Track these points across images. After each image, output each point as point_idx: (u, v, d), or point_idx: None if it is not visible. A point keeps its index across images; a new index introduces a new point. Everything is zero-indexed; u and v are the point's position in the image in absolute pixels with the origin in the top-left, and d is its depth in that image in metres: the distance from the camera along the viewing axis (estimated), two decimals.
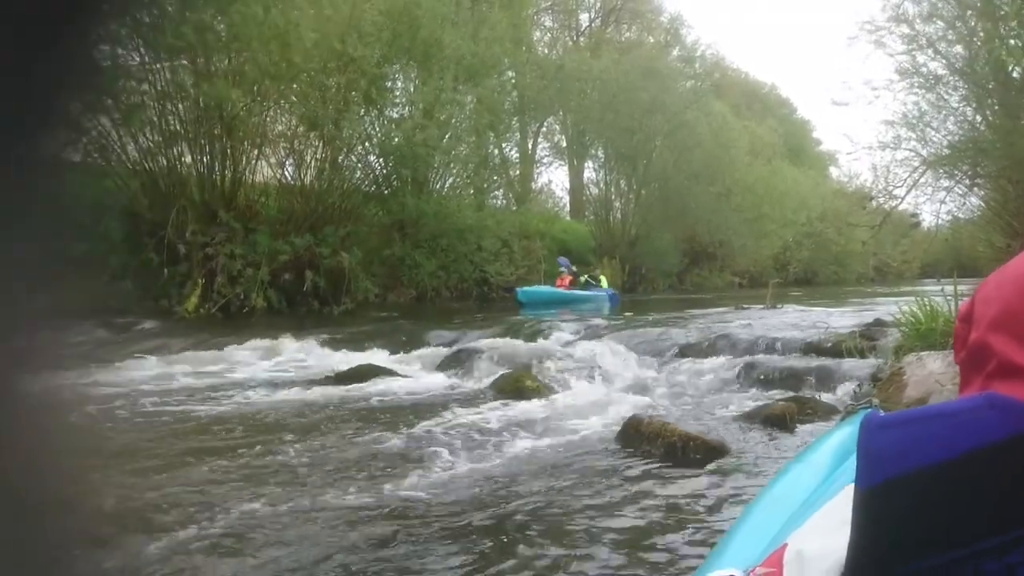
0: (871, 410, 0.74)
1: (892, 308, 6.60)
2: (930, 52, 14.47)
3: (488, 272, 17.92)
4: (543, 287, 16.55)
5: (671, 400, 5.59)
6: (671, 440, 3.94)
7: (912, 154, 15.28)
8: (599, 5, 32.94)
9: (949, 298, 5.14)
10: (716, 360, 6.50)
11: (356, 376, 6.65)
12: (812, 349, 6.48)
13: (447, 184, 18.47)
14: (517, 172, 24.47)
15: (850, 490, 0.77)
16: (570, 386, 5.98)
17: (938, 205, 16.09)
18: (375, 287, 15.09)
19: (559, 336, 8.13)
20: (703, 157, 24.79)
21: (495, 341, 7.97)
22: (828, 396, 5.20)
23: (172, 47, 11.43)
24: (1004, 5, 12.89)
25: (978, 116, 14.87)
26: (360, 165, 16.62)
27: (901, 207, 16.54)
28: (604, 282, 18.02)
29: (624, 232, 24.77)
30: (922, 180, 15.20)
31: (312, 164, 15.17)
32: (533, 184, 26.37)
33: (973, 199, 16.35)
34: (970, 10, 13.59)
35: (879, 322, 7.09)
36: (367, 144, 16.32)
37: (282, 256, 13.17)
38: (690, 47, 31.14)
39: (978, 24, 13.44)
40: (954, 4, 13.88)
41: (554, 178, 50.10)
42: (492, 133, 19.18)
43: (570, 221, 26.62)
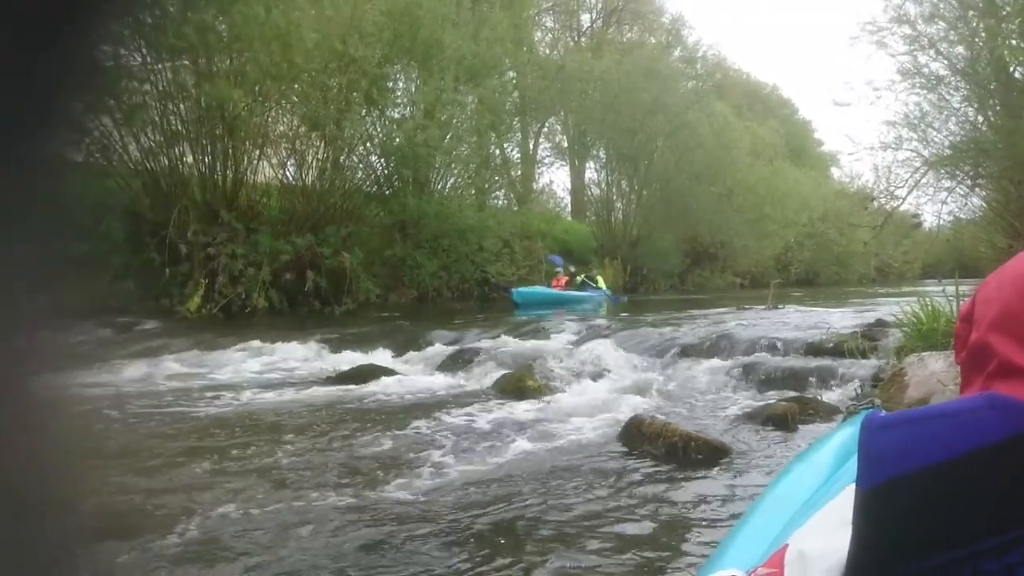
0: (872, 410, 0.74)
1: (893, 308, 6.59)
2: (932, 52, 14.46)
3: (489, 272, 17.89)
4: (539, 288, 16.30)
5: (673, 400, 5.58)
6: (673, 440, 3.94)
7: (914, 155, 15.28)
8: (600, 6, 32.97)
9: (951, 298, 5.14)
10: (718, 360, 6.49)
11: (357, 376, 6.65)
12: (813, 349, 6.47)
13: (448, 184, 18.48)
14: (518, 172, 24.47)
15: (851, 490, 0.77)
16: (571, 386, 5.98)
17: (940, 206, 16.09)
18: (376, 287, 15.09)
19: (561, 336, 8.13)
20: (705, 158, 24.78)
21: (496, 341, 7.97)
22: (830, 396, 5.19)
23: (174, 47, 11.47)
24: (1006, 5, 12.89)
25: (980, 116, 14.86)
26: (361, 165, 16.64)
27: (903, 208, 16.53)
28: (601, 282, 17.92)
29: (626, 233, 24.77)
30: (924, 181, 15.19)
31: (314, 164, 15.19)
32: (534, 184, 26.38)
33: (975, 200, 16.33)
34: (972, 10, 13.58)
35: (881, 322, 7.09)
36: (368, 144, 16.34)
37: (283, 256, 13.17)
38: (691, 48, 31.21)
39: (980, 24, 13.43)
40: (956, 4, 13.87)
41: (555, 178, 50.10)
42: (493, 133, 19.17)
43: (571, 221, 26.63)
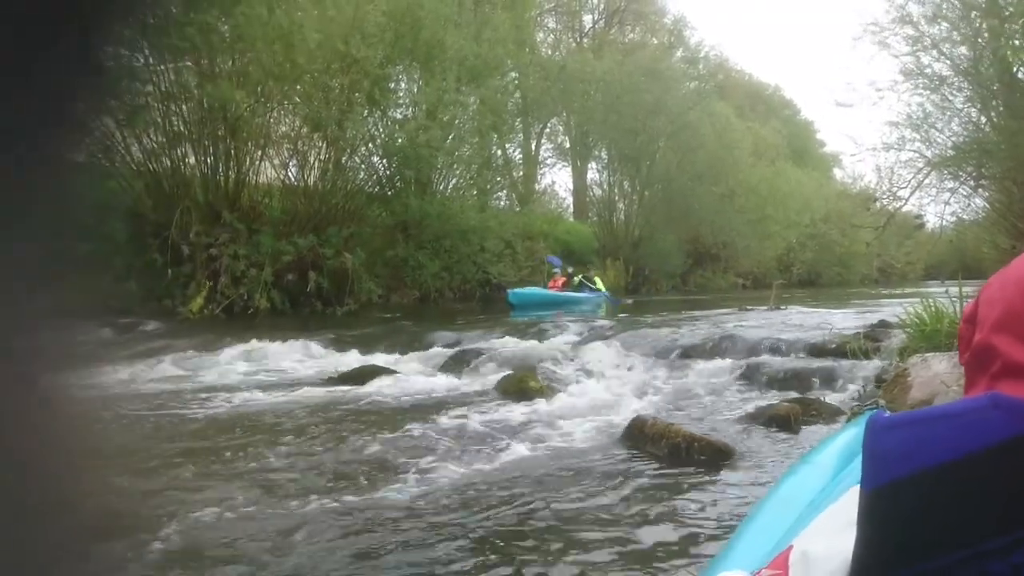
0: (877, 411, 0.74)
1: (896, 309, 6.58)
2: (934, 53, 14.45)
3: (491, 273, 17.89)
4: (535, 289, 16.13)
5: (675, 401, 5.57)
6: (675, 441, 3.93)
7: (916, 155, 15.25)
8: (602, 6, 32.98)
9: (954, 299, 5.13)
10: (720, 361, 6.48)
11: (359, 377, 6.65)
12: (816, 350, 6.46)
13: (450, 185, 18.49)
14: (520, 173, 24.48)
15: (856, 491, 0.77)
16: (574, 387, 5.97)
17: (942, 206, 16.06)
18: (378, 288, 15.10)
19: (563, 337, 8.13)
20: (707, 158, 24.80)
21: (498, 342, 7.97)
22: (833, 397, 5.18)
23: (176, 48, 11.48)
24: (1009, 5, 12.87)
25: (983, 117, 14.84)
26: (363, 166, 16.66)
27: (905, 208, 16.51)
28: (600, 283, 17.81)
29: (627, 233, 24.79)
30: (926, 181, 15.16)
31: (316, 165, 15.21)
32: (536, 185, 26.38)
33: (978, 200, 16.31)
34: (975, 11, 13.56)
35: (883, 323, 7.08)
36: (370, 145, 16.35)
37: (285, 257, 13.19)
38: (694, 48, 31.24)
39: (983, 25, 13.41)
40: (958, 5, 13.85)
41: (557, 179, 50.02)
42: (495, 134, 19.19)
43: (573, 222, 26.64)
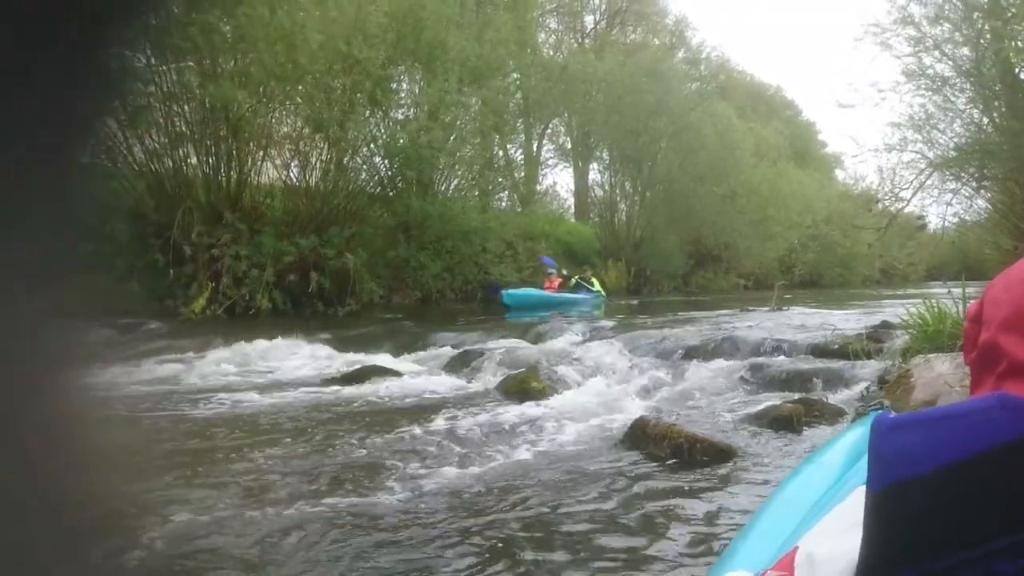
0: (882, 412, 0.74)
1: (898, 310, 6.58)
2: (936, 54, 14.44)
3: (492, 274, 17.88)
4: (531, 289, 15.98)
5: (677, 402, 5.57)
6: (678, 442, 3.92)
7: (918, 156, 15.25)
8: (604, 7, 32.98)
9: (957, 300, 5.13)
10: (722, 362, 6.47)
11: (361, 377, 6.64)
12: (819, 351, 6.45)
13: (452, 186, 18.48)
14: (522, 174, 24.47)
15: (862, 492, 0.77)
16: (576, 387, 5.96)
17: (944, 207, 16.06)
18: (380, 289, 15.10)
19: (565, 337, 8.13)
20: (708, 159, 24.79)
21: (500, 342, 7.97)
22: (835, 398, 5.17)
23: (179, 48, 11.48)
24: (1011, 6, 12.86)
25: (985, 118, 14.83)
26: (365, 167, 16.64)
27: (907, 209, 16.51)
28: (597, 284, 17.71)
29: (629, 234, 24.78)
30: (928, 182, 15.16)
31: (317, 165, 15.21)
32: (538, 186, 26.36)
33: (980, 201, 16.30)
34: (977, 11, 13.55)
35: (886, 324, 7.06)
36: (372, 146, 16.35)
37: (287, 257, 13.19)
38: (695, 49, 31.24)
39: (985, 25, 13.40)
40: (960, 6, 13.84)
41: (559, 180, 50.02)
42: (497, 135, 19.17)
43: (575, 223, 26.63)
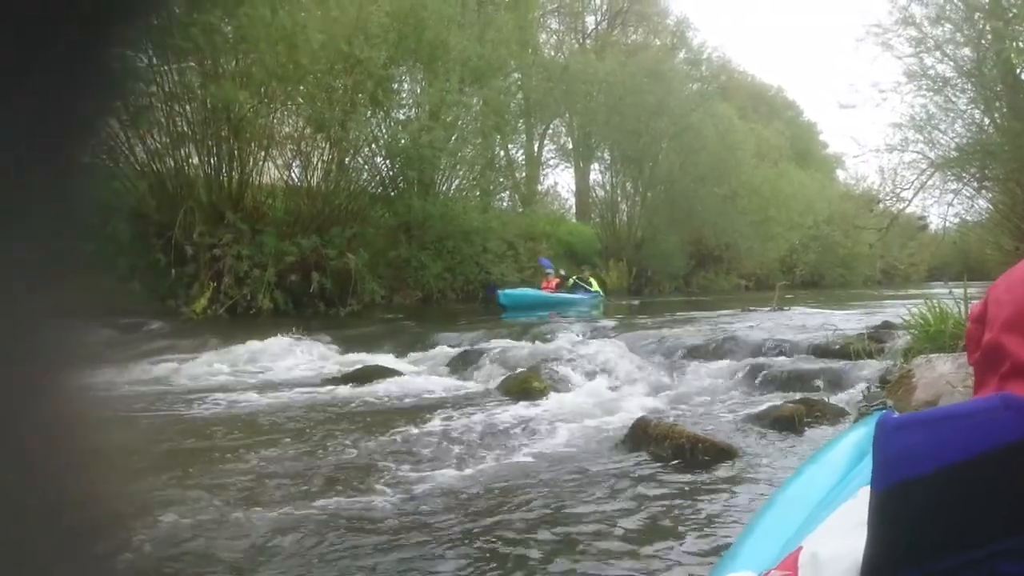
0: (886, 412, 0.74)
1: (900, 311, 6.57)
2: (938, 54, 14.45)
3: (493, 274, 17.87)
4: (527, 290, 15.93)
5: (679, 402, 5.57)
6: (679, 442, 3.92)
7: (920, 156, 15.26)
8: (605, 7, 32.98)
9: (959, 301, 5.13)
10: (724, 362, 6.47)
11: (362, 377, 6.65)
12: (820, 351, 6.44)
13: (453, 186, 18.49)
14: (523, 174, 24.47)
15: (866, 492, 0.77)
16: (577, 387, 5.96)
17: (946, 208, 16.07)
18: (381, 289, 15.10)
19: (566, 337, 8.12)
20: (709, 160, 24.77)
21: (501, 342, 7.97)
22: (837, 398, 5.16)
23: (180, 49, 11.49)
24: (1013, 7, 12.86)
25: (986, 118, 14.84)
26: (367, 167, 16.64)
27: (908, 210, 16.51)
28: (595, 284, 17.64)
29: (630, 234, 24.77)
30: (930, 183, 15.17)
31: (319, 165, 15.21)
32: (539, 186, 26.37)
33: (981, 202, 16.32)
34: (978, 12, 13.55)
35: (887, 324, 7.06)
36: (374, 146, 16.35)
37: (289, 257, 13.20)
38: (696, 50, 31.23)
39: (986, 26, 13.40)
40: (962, 6, 13.84)
41: (560, 180, 50.01)
42: (498, 135, 19.16)
43: (576, 223, 26.63)
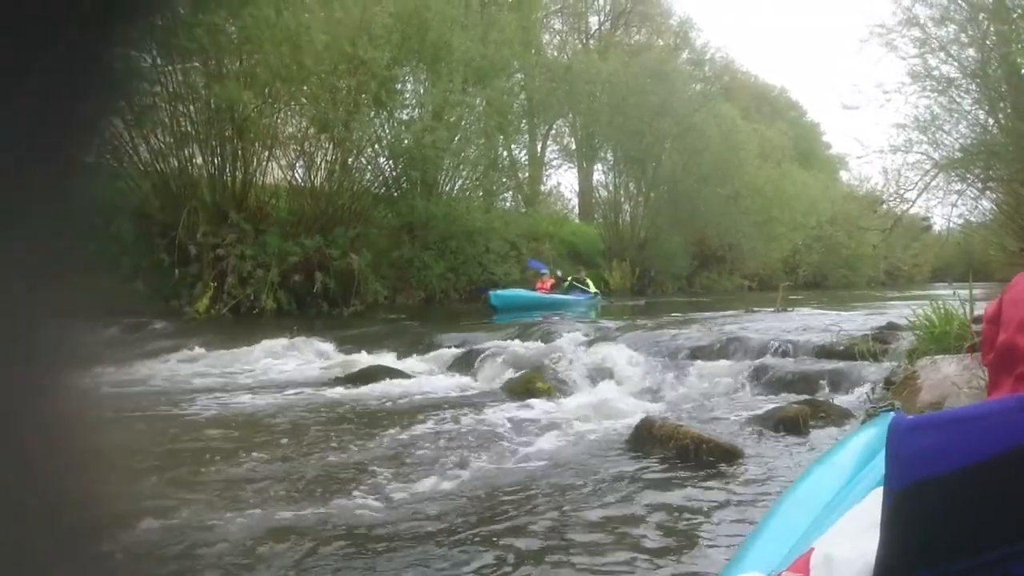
0: (898, 413, 0.74)
1: (904, 311, 6.56)
2: (942, 55, 14.43)
3: (496, 274, 17.86)
4: (519, 291, 15.66)
5: (683, 402, 5.56)
6: (684, 442, 3.92)
7: (924, 157, 15.23)
8: (608, 8, 32.95)
9: (964, 302, 5.11)
10: (728, 362, 6.45)
11: (366, 377, 6.65)
12: (824, 352, 6.42)
13: (456, 186, 18.48)
14: (526, 175, 24.46)
15: (877, 493, 0.77)
16: (581, 388, 5.96)
17: (950, 208, 16.05)
18: (384, 289, 15.11)
19: (570, 338, 8.11)
20: (712, 160, 24.74)
21: (505, 343, 7.96)
22: (841, 399, 5.16)
23: (184, 49, 11.51)
24: (1017, 7, 12.83)
25: (990, 119, 14.81)
26: (370, 167, 16.65)
27: (912, 211, 16.50)
28: (592, 285, 17.47)
29: (633, 235, 24.74)
30: (933, 183, 15.15)
31: (322, 166, 15.22)
32: (542, 186, 26.39)
33: (985, 203, 16.29)
34: (982, 12, 13.52)
35: (892, 325, 7.04)
36: (377, 146, 16.35)
37: (292, 257, 13.21)
38: (699, 50, 31.16)
39: (990, 27, 13.38)
40: (966, 7, 13.82)
41: (563, 180, 50.08)
42: (501, 135, 19.15)
43: (579, 223, 26.61)
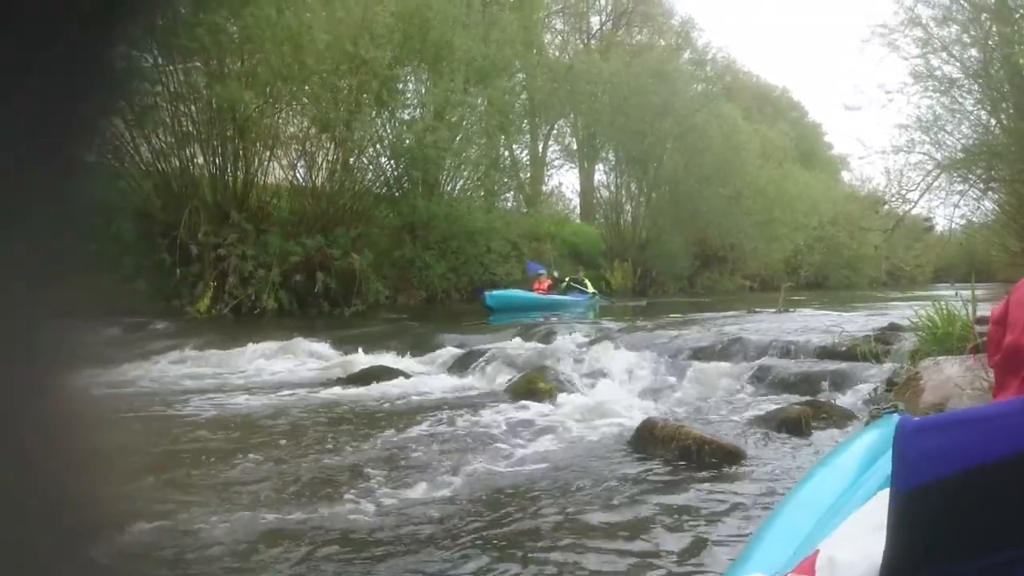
0: (903, 415, 0.73)
1: (906, 312, 6.55)
2: (944, 55, 14.42)
3: (497, 274, 17.85)
4: (515, 291, 15.62)
5: (685, 403, 5.55)
6: (686, 443, 3.91)
7: (926, 158, 15.24)
8: (610, 8, 32.96)
9: (966, 302, 5.11)
10: (729, 363, 6.45)
11: (367, 378, 6.65)
12: (826, 353, 6.41)
13: (458, 186, 18.48)
14: (527, 175, 24.46)
15: (882, 495, 0.76)
16: (583, 389, 5.96)
17: (952, 209, 16.06)
18: (385, 289, 15.11)
19: (572, 338, 8.11)
20: (714, 160, 24.74)
21: (507, 343, 7.96)
22: (843, 400, 5.15)
23: (186, 49, 11.51)
24: (1020, 8, 12.82)
25: (993, 120, 14.80)
26: (371, 167, 16.65)
27: (914, 211, 16.50)
28: (590, 286, 17.45)
29: (635, 235, 24.73)
30: (936, 184, 15.14)
31: (324, 166, 15.23)
32: (543, 187, 26.40)
33: (987, 203, 16.29)
34: (985, 13, 13.51)
35: (894, 326, 7.03)
36: (378, 146, 16.35)
37: (293, 257, 13.21)
38: (701, 50, 31.16)
39: (993, 27, 13.36)
40: (968, 7, 13.81)
41: (564, 181, 50.02)
42: (503, 135, 19.14)
43: (580, 224, 26.62)
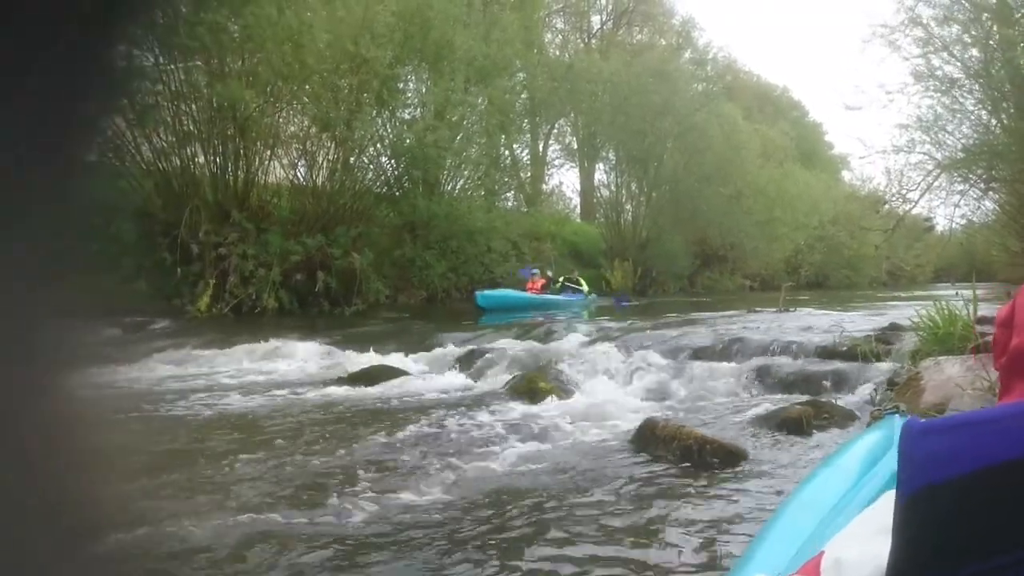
0: (908, 416, 0.74)
1: (906, 312, 6.55)
2: (945, 55, 14.41)
3: (497, 274, 17.86)
4: (507, 291, 15.58)
5: (686, 403, 5.56)
6: (687, 443, 3.91)
7: (926, 158, 15.24)
8: (611, 7, 32.97)
9: (968, 302, 5.10)
10: (730, 363, 6.44)
11: (368, 377, 6.65)
12: (827, 353, 6.40)
13: (458, 186, 18.49)
14: (528, 174, 24.47)
15: (888, 496, 0.76)
16: (584, 388, 5.96)
17: (952, 209, 16.06)
18: (386, 288, 15.11)
19: (573, 338, 8.11)
20: (714, 160, 24.73)
21: (508, 342, 7.97)
22: (844, 400, 5.15)
23: (186, 48, 11.52)
24: (1021, 8, 12.81)
25: (993, 119, 14.79)
26: (372, 166, 16.65)
27: (915, 211, 16.50)
28: (585, 285, 17.47)
29: (635, 234, 24.73)
30: (936, 184, 15.14)
31: (324, 165, 15.23)
32: (544, 186, 26.42)
33: (988, 203, 16.27)
34: (986, 13, 13.51)
35: (895, 326, 7.02)
36: (379, 145, 16.35)
37: (294, 256, 13.21)
38: (702, 50, 31.18)
39: (994, 27, 13.36)
40: (969, 7, 13.80)
41: (565, 180, 50.00)
42: (503, 134, 19.14)
43: (581, 223, 26.63)
